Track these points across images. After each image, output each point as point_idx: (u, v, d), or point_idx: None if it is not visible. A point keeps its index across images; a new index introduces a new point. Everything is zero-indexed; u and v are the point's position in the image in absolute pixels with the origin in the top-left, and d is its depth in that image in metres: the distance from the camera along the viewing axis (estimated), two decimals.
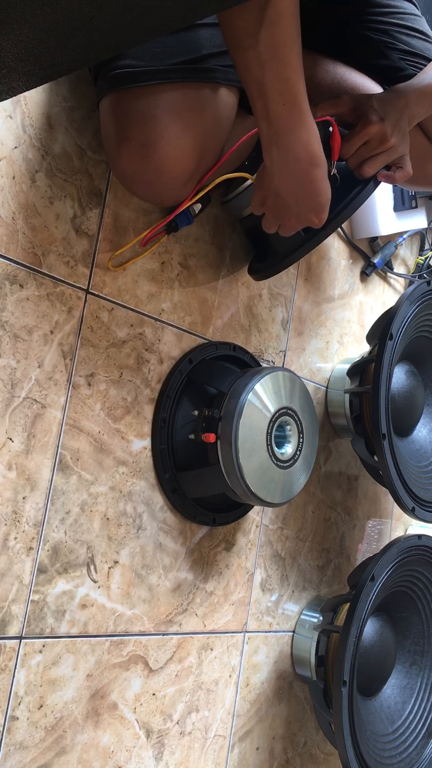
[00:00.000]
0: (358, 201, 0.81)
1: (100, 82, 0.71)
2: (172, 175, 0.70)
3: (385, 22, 0.89)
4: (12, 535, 0.73)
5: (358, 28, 0.89)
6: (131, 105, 0.68)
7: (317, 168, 0.67)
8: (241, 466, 0.82)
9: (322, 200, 0.70)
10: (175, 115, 0.68)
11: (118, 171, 0.72)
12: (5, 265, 0.72)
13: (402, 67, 0.89)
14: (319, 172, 0.67)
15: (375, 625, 1.07)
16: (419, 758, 1.02)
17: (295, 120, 0.62)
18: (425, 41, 0.91)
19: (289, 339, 1.09)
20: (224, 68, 0.71)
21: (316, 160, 0.66)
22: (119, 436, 0.83)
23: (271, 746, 1.05)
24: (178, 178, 0.71)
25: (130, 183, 0.72)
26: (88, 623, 0.80)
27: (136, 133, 0.68)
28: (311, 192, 0.69)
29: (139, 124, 0.68)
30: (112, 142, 0.70)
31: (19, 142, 0.73)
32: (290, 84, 0.59)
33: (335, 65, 0.89)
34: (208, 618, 0.94)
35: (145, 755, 0.86)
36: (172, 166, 0.69)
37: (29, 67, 0.51)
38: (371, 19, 0.89)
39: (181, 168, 0.70)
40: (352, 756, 0.89)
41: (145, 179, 0.71)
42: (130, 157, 0.69)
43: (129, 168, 0.70)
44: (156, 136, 0.67)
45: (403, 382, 1.14)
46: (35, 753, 0.75)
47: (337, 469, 1.19)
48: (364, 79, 0.89)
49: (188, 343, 0.91)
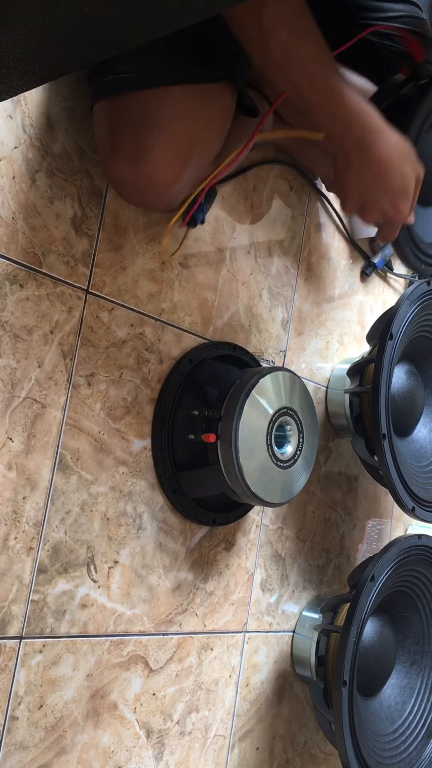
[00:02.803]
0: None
1: (93, 88, 0.71)
2: (165, 182, 0.70)
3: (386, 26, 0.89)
4: (12, 535, 0.73)
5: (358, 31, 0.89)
6: (123, 112, 0.68)
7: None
8: (241, 466, 0.82)
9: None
10: (167, 122, 0.67)
11: (110, 177, 0.72)
12: (5, 265, 0.72)
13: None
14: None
15: (375, 625, 1.07)
16: (419, 758, 1.02)
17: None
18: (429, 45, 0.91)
19: (289, 339, 1.09)
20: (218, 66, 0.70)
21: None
22: (119, 436, 0.83)
23: (271, 746, 1.05)
24: (170, 185, 0.71)
25: (123, 190, 0.72)
26: (88, 623, 0.80)
27: (128, 141, 0.68)
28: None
29: (131, 131, 0.68)
30: (104, 149, 0.71)
31: (19, 142, 0.73)
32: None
33: None
34: (208, 618, 0.94)
35: (145, 755, 0.86)
36: (164, 174, 0.69)
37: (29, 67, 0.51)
38: (372, 24, 0.89)
39: (173, 175, 0.70)
40: (352, 756, 0.89)
41: (137, 186, 0.71)
42: (123, 165, 0.69)
43: (121, 175, 0.70)
44: (148, 145, 0.67)
45: (403, 382, 1.14)
46: (35, 753, 0.75)
47: (337, 469, 1.19)
48: (365, 82, 0.89)
49: (188, 343, 0.91)
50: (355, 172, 0.69)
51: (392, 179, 0.68)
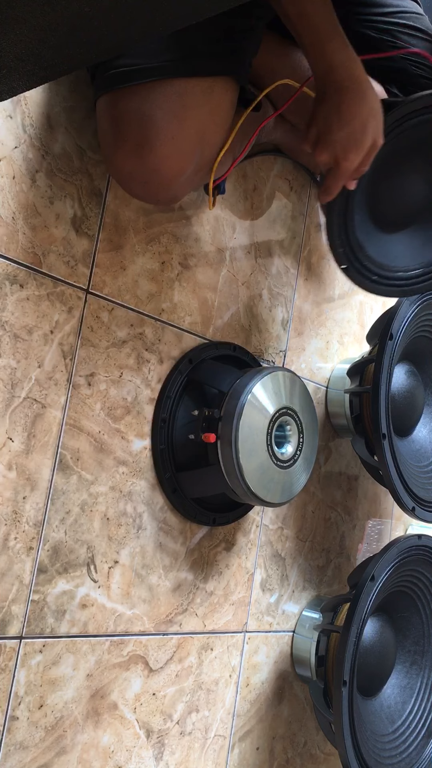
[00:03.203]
0: None
1: (96, 82, 0.71)
2: (169, 175, 0.70)
3: (387, 21, 0.89)
4: (12, 535, 0.73)
5: (360, 26, 0.89)
6: (127, 105, 0.68)
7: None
8: (241, 466, 0.82)
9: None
10: (170, 114, 0.68)
11: (114, 171, 0.72)
12: (5, 265, 0.72)
13: (404, 67, 0.89)
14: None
15: (375, 625, 1.07)
16: (419, 758, 1.02)
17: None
18: (428, 41, 0.91)
19: (289, 339, 1.09)
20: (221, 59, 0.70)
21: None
22: (119, 436, 0.83)
23: (271, 746, 1.05)
24: (174, 178, 0.71)
25: (127, 183, 0.72)
26: (88, 623, 0.80)
27: (132, 133, 0.68)
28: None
29: (135, 124, 0.68)
30: (108, 142, 0.70)
31: (19, 142, 0.73)
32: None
33: None
34: (208, 618, 0.94)
35: (145, 755, 0.86)
36: (168, 167, 0.69)
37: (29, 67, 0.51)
38: (373, 19, 0.89)
39: (177, 168, 0.70)
40: (352, 756, 0.89)
41: (141, 179, 0.71)
42: (127, 158, 0.69)
43: (125, 168, 0.70)
44: (152, 137, 0.67)
45: (403, 382, 1.14)
46: (35, 753, 0.75)
47: (337, 469, 1.19)
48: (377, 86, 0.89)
49: (188, 343, 0.91)
50: (325, 108, 0.72)
51: (353, 127, 0.71)
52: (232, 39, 0.70)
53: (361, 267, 0.87)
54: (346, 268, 0.85)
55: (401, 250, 0.92)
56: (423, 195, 0.92)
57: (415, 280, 0.93)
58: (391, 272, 0.91)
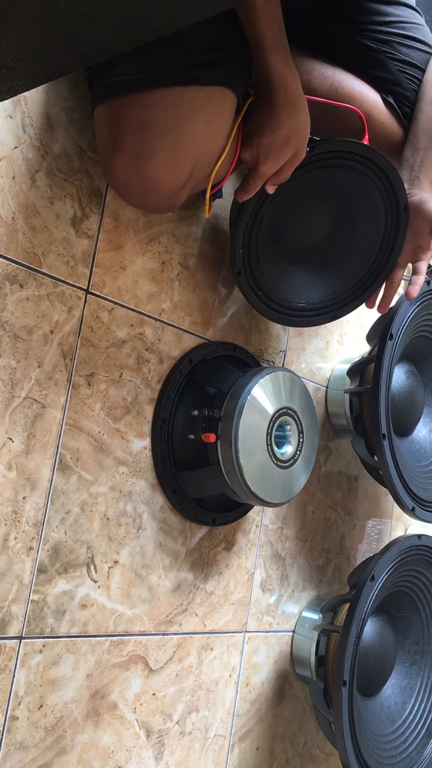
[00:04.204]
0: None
1: (94, 91, 0.71)
2: (166, 185, 0.70)
3: (385, 32, 0.89)
4: (12, 535, 0.73)
5: (359, 36, 0.89)
6: (124, 114, 0.68)
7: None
8: (241, 466, 0.82)
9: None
10: (168, 125, 0.67)
11: (111, 180, 0.72)
12: (5, 265, 0.72)
13: (399, 80, 0.90)
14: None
15: (375, 625, 1.07)
16: (419, 758, 1.02)
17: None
18: (425, 52, 0.91)
19: (289, 339, 1.09)
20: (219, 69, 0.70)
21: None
22: (119, 436, 0.83)
23: (271, 746, 1.05)
24: (171, 189, 0.71)
25: (124, 192, 0.72)
26: (88, 623, 0.80)
27: (129, 143, 0.68)
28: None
29: (133, 134, 0.68)
30: (106, 151, 0.70)
31: (19, 142, 0.73)
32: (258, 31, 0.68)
33: (334, 70, 0.89)
34: (208, 618, 0.94)
35: (145, 755, 0.86)
36: (165, 177, 0.69)
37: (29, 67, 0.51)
38: (372, 29, 0.89)
39: (174, 178, 0.70)
40: (352, 756, 0.89)
41: (138, 189, 0.71)
42: (124, 168, 0.69)
43: (122, 178, 0.70)
44: (149, 148, 0.67)
45: (403, 382, 1.14)
46: (35, 753, 0.75)
47: (337, 469, 1.19)
48: (362, 86, 0.89)
49: (188, 343, 0.91)
50: (257, 112, 0.75)
51: (277, 136, 0.74)
52: (230, 48, 0.71)
53: (251, 278, 0.88)
54: (239, 273, 0.85)
55: (293, 280, 0.94)
56: (321, 239, 0.94)
57: (296, 312, 0.94)
58: (276, 295, 0.91)
